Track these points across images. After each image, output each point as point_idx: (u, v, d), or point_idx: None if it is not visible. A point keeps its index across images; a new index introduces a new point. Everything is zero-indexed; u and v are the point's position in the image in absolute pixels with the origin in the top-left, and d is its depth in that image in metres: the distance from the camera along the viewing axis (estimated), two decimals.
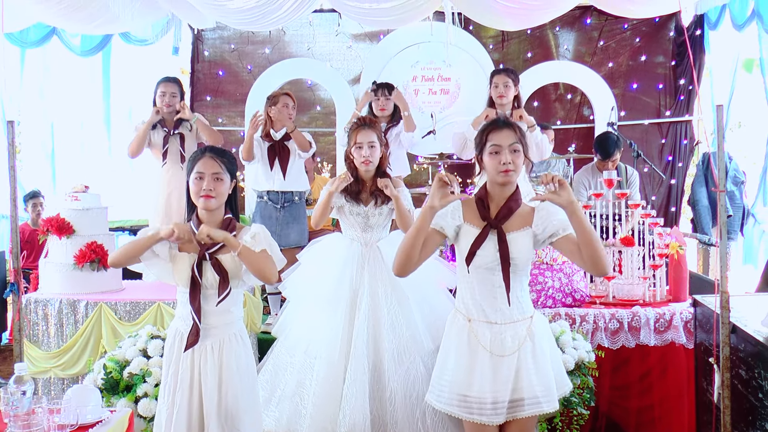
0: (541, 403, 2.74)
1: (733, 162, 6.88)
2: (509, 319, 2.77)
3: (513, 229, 2.77)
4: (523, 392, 2.74)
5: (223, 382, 2.82)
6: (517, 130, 2.81)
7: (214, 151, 2.90)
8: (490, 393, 2.73)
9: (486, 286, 2.78)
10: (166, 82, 5.19)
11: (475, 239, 2.76)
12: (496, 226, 2.76)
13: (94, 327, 4.46)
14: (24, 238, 6.83)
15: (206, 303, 2.85)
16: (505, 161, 2.74)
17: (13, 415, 2.53)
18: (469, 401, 2.75)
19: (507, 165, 2.74)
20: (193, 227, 2.85)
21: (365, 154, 3.73)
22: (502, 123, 2.83)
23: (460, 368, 2.79)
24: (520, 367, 2.75)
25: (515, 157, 2.76)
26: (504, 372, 2.73)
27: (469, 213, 2.83)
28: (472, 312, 2.81)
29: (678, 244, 4.43)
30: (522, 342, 2.76)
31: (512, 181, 2.79)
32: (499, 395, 2.73)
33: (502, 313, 2.77)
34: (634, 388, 4.24)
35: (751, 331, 3.42)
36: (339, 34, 8.05)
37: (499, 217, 2.78)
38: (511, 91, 4.86)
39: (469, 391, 2.75)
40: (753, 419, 3.35)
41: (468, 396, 2.75)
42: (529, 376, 2.74)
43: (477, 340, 2.77)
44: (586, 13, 7.85)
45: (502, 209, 2.79)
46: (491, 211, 2.80)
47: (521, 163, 2.80)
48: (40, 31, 7.26)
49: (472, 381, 2.75)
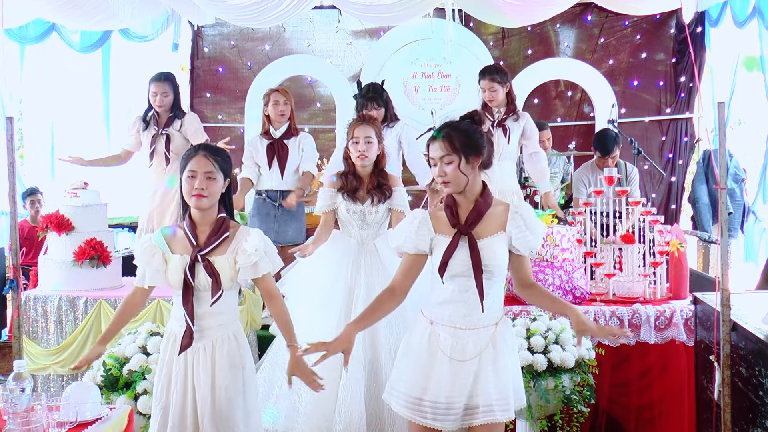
0: (494, 412, 2.66)
1: (733, 159, 6.87)
2: (475, 325, 2.71)
3: (486, 234, 2.71)
4: (479, 399, 2.67)
5: (216, 382, 2.79)
6: (448, 142, 2.71)
7: (208, 150, 2.84)
8: (445, 397, 2.67)
9: (461, 293, 2.71)
10: (156, 81, 5.09)
11: (446, 249, 2.70)
12: (467, 232, 2.70)
13: (94, 324, 4.45)
14: (23, 234, 6.81)
15: (199, 305, 2.81)
16: (440, 174, 2.71)
17: (12, 413, 2.51)
18: (422, 405, 2.69)
19: (441, 177, 2.71)
20: (187, 229, 2.84)
21: (361, 149, 3.73)
22: (433, 135, 2.76)
23: (417, 370, 2.73)
24: (479, 374, 2.68)
25: (449, 169, 2.68)
26: (462, 377, 2.67)
27: (439, 223, 2.76)
28: (436, 315, 2.76)
29: (678, 241, 4.42)
30: (483, 348, 2.70)
31: (453, 191, 2.73)
32: (454, 400, 2.67)
33: (469, 319, 2.71)
34: (634, 386, 4.23)
35: (751, 329, 3.42)
36: (339, 31, 8.04)
37: (469, 222, 2.71)
38: (499, 93, 4.86)
39: (424, 395, 2.69)
40: (753, 417, 3.35)
41: (422, 399, 2.69)
42: (487, 384, 2.68)
43: (437, 344, 2.72)
44: (587, 9, 7.84)
45: (471, 213, 2.72)
46: (460, 216, 2.74)
47: (460, 173, 2.69)
48: (40, 27, 7.26)
49: (428, 385, 2.69)
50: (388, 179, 3.85)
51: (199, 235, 2.83)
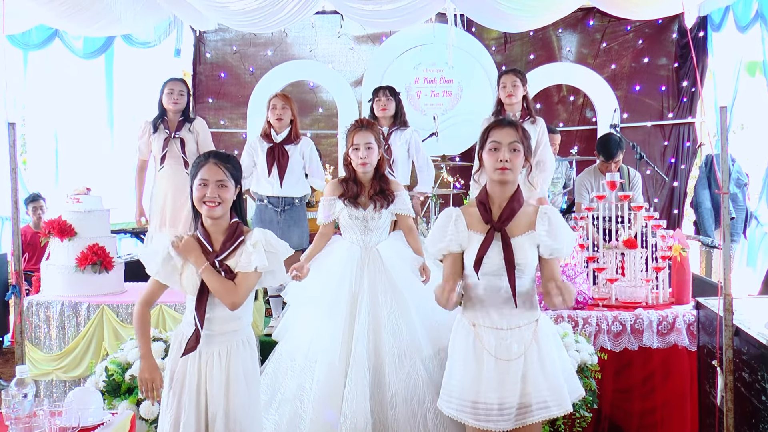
0: (550, 407, 2.70)
1: (735, 164, 6.87)
2: (515, 324, 2.75)
3: (518, 233, 2.75)
4: (531, 397, 2.70)
5: (230, 388, 2.78)
6: (520, 131, 2.80)
7: (218, 157, 2.83)
8: (497, 398, 2.69)
9: (493, 291, 2.76)
10: (173, 80, 5.18)
11: (480, 245, 2.74)
12: (500, 229, 2.74)
13: (96, 329, 4.46)
14: (26, 240, 6.83)
15: (215, 310, 2.79)
16: (503, 158, 2.72)
17: (15, 418, 2.52)
18: (477, 407, 2.71)
19: (504, 163, 2.72)
20: (201, 237, 2.82)
21: (362, 156, 3.72)
22: (506, 121, 2.81)
23: (467, 374, 2.76)
24: (526, 372, 2.71)
25: (514, 156, 2.73)
26: (511, 377, 2.70)
27: (472, 220, 2.80)
28: (478, 317, 2.78)
29: (681, 246, 4.42)
30: (528, 346, 2.73)
31: (508, 179, 2.76)
32: (506, 400, 2.69)
33: (508, 319, 2.75)
34: (637, 391, 4.23)
35: (754, 334, 3.40)
36: (341, 36, 8.07)
37: (502, 219, 2.75)
38: (519, 91, 4.87)
39: (477, 397, 2.72)
40: (756, 422, 3.34)
41: (476, 402, 2.72)
42: (536, 380, 2.70)
43: (482, 346, 2.74)
44: (589, 14, 7.86)
45: (504, 210, 2.76)
46: (493, 213, 2.78)
47: (520, 164, 2.77)
48: (42, 33, 7.29)
49: (479, 387, 2.72)
50: (390, 184, 3.85)
51: (213, 242, 2.82)
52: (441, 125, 6.40)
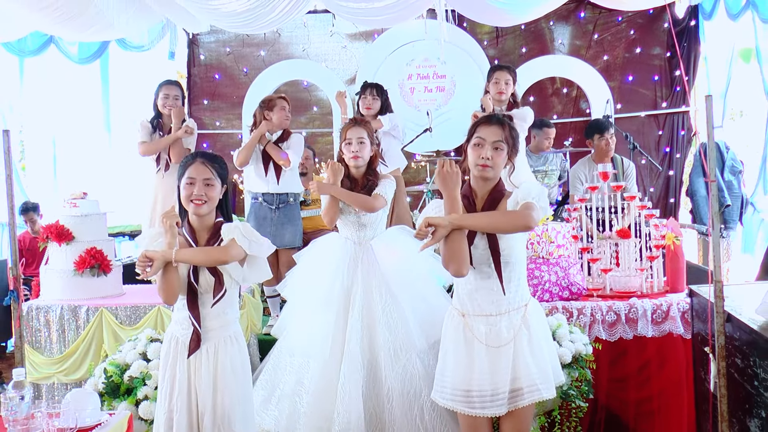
0: (540, 390, 2.77)
1: (730, 152, 6.88)
2: (504, 309, 2.81)
3: None
4: (522, 381, 2.77)
5: (218, 383, 2.85)
6: (506, 130, 2.83)
7: (206, 157, 2.92)
8: (489, 385, 2.76)
9: (482, 279, 2.81)
10: (168, 84, 5.24)
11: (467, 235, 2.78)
12: None
13: (96, 332, 4.49)
14: (24, 245, 6.88)
15: (202, 306, 2.87)
16: (485, 156, 2.78)
17: (13, 420, 2.55)
18: (470, 396, 2.78)
19: (485, 160, 2.78)
20: (186, 234, 2.88)
21: (354, 150, 3.79)
22: (495, 119, 2.86)
23: (459, 364, 2.82)
24: (517, 356, 2.78)
25: (496, 154, 2.79)
26: (502, 362, 2.76)
27: None
28: (467, 306, 2.84)
29: (674, 234, 4.44)
30: (517, 331, 2.79)
31: (488, 176, 2.82)
32: (498, 386, 2.76)
33: (498, 305, 2.81)
34: (633, 380, 4.24)
35: (745, 320, 3.42)
36: (334, 35, 8.09)
37: (485, 209, 2.82)
38: (510, 88, 4.91)
39: (470, 386, 2.78)
40: (749, 407, 3.36)
41: (469, 391, 2.78)
42: (527, 365, 2.77)
43: (472, 334, 2.81)
44: (580, 6, 7.87)
45: (487, 201, 2.83)
46: (477, 205, 2.85)
47: (502, 162, 2.83)
48: (38, 39, 7.33)
49: (471, 376, 2.79)
50: (378, 178, 3.90)
51: (198, 239, 2.89)
52: (435, 120, 6.41)
